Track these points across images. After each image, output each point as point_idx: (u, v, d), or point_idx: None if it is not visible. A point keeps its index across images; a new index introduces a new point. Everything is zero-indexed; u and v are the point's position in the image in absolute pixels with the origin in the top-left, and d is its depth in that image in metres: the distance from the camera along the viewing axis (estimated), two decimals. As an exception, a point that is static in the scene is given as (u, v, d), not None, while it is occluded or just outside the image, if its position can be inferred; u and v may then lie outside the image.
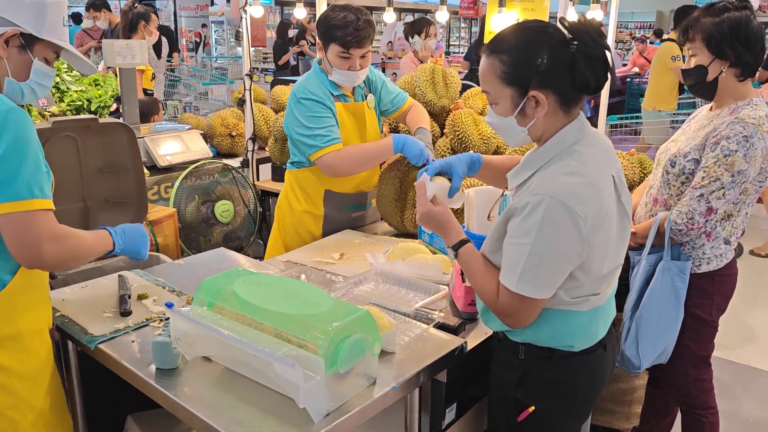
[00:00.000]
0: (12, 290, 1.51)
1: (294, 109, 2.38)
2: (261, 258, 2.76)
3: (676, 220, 2.02)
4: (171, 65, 8.65)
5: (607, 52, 1.42)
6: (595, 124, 2.09)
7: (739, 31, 1.94)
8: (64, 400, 1.71)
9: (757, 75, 6.85)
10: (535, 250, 1.38)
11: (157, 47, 7.83)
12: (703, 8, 2.03)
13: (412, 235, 2.61)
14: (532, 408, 1.56)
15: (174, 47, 8.88)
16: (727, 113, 2.02)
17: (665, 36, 8.76)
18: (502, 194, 2.00)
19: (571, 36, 1.41)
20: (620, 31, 16.40)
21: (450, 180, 1.79)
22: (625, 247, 1.55)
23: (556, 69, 1.40)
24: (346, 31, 2.26)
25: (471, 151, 2.83)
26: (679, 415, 2.43)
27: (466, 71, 7.89)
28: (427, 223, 1.64)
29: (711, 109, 2.13)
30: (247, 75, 3.70)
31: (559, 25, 1.46)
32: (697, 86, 2.07)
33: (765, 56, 2.03)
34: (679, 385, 2.26)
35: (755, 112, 1.96)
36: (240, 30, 4.88)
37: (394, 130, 3.16)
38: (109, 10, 7.14)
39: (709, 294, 2.12)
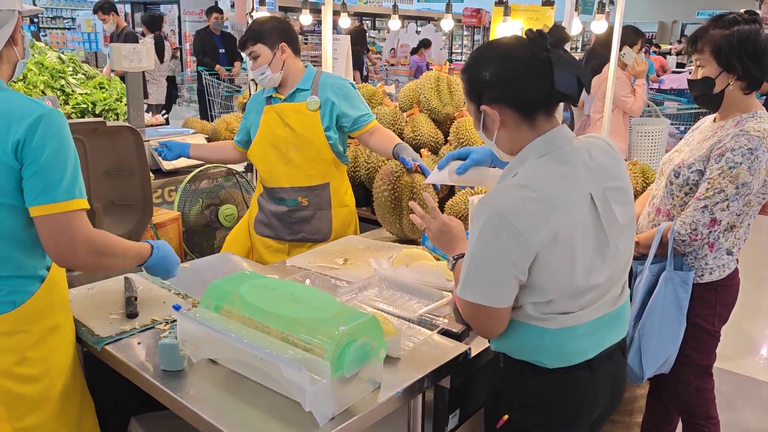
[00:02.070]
0: (49, 284, 1.58)
1: None
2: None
3: (680, 230, 2.03)
4: (231, 74, 8.42)
5: (558, 59, 1.37)
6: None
7: (748, 44, 1.94)
8: (85, 385, 1.78)
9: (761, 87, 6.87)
10: (473, 258, 1.39)
11: (159, 51, 7.87)
12: (713, 19, 2.03)
13: (415, 241, 2.62)
14: (506, 416, 1.54)
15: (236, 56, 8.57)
16: (731, 125, 2.02)
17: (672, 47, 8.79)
18: None
19: (513, 49, 1.42)
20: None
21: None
22: (608, 271, 1.47)
23: (498, 83, 1.41)
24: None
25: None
26: (680, 425, 2.44)
27: None
28: (441, 234, 1.68)
29: (715, 120, 2.14)
30: (252, 80, 3.72)
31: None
32: (703, 97, 2.08)
33: None
34: (681, 394, 2.26)
35: (760, 125, 1.97)
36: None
37: (398, 136, 3.18)
38: (117, 14, 7.17)
39: (712, 304, 2.13)
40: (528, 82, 1.39)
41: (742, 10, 2.03)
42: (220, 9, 8.65)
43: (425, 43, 11.48)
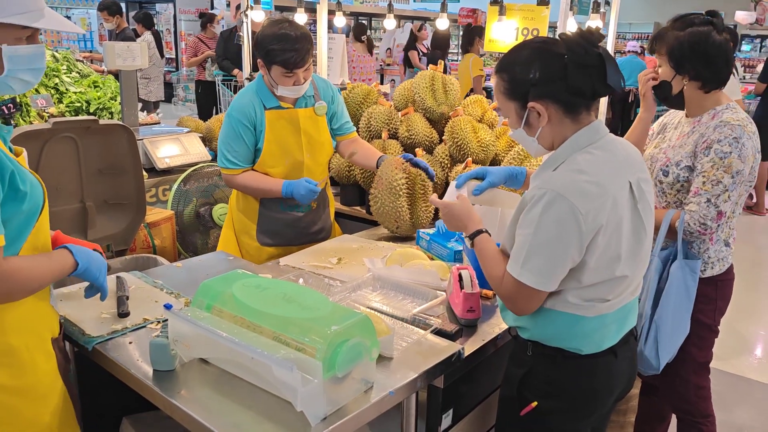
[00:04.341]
0: None
1: (224, 117, 2.52)
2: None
3: (690, 221, 2.03)
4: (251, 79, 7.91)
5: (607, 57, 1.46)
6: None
7: (698, 46, 1.98)
8: (73, 415, 1.61)
9: (754, 88, 6.91)
10: (535, 241, 1.44)
11: (159, 47, 7.87)
12: (672, 20, 2.08)
13: (411, 239, 2.62)
14: (535, 403, 1.58)
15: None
16: (708, 119, 2.06)
17: None
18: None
19: (565, 47, 1.47)
20: (619, 42, 16.48)
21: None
22: (640, 259, 1.57)
23: (549, 79, 1.47)
24: (287, 55, 2.31)
25: (469, 158, 2.85)
26: (673, 422, 2.44)
27: None
28: (446, 217, 1.76)
29: (687, 115, 2.16)
30: (247, 79, 3.71)
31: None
32: (667, 99, 2.13)
33: (733, 69, 2.07)
34: (681, 392, 2.27)
35: (736, 115, 2.02)
36: (240, 34, 4.92)
37: (393, 135, 3.18)
38: (122, 16, 7.19)
39: (713, 299, 2.15)
40: (580, 77, 1.45)
41: (703, 11, 2.07)
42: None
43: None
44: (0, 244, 1.34)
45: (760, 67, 7.36)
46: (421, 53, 10.09)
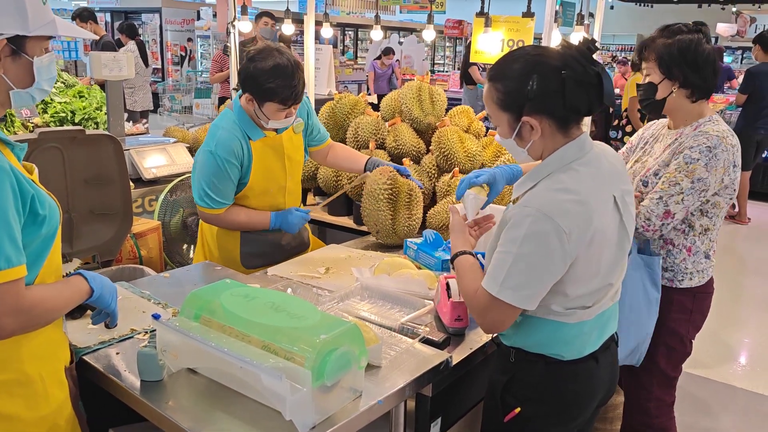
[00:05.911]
0: (16, 336, 1.37)
1: (204, 154, 2.37)
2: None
3: (636, 220, 2.01)
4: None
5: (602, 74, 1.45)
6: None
7: (687, 53, 2.01)
8: None
9: (735, 99, 7.03)
10: (518, 260, 1.43)
11: (143, 56, 7.82)
12: (659, 29, 2.11)
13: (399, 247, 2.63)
14: (518, 409, 1.59)
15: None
16: (690, 130, 2.08)
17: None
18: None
19: (562, 62, 1.45)
20: (602, 53, 16.70)
21: (487, 190, 1.91)
22: (622, 266, 1.59)
23: (547, 95, 1.45)
24: (285, 93, 2.22)
25: (456, 168, 2.87)
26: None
27: None
28: (450, 230, 1.78)
29: (669, 127, 2.18)
30: (233, 89, 3.71)
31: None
32: (647, 101, 2.13)
33: (720, 79, 2.11)
34: (642, 404, 2.26)
35: (718, 126, 2.05)
36: (228, 44, 4.93)
37: (380, 146, 3.19)
38: (96, 22, 7.09)
39: (688, 310, 2.15)
40: (578, 95, 1.44)
41: (690, 21, 2.10)
42: (271, 14, 6.88)
43: (386, 51, 11.44)
44: (21, 275, 1.29)
45: (740, 79, 7.50)
46: (481, 68, 9.54)
